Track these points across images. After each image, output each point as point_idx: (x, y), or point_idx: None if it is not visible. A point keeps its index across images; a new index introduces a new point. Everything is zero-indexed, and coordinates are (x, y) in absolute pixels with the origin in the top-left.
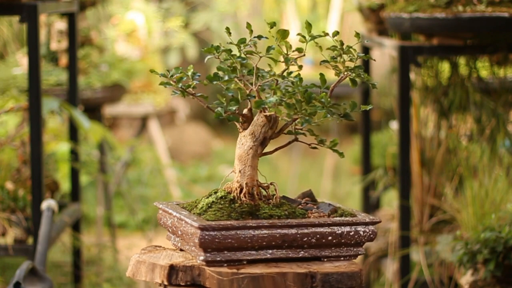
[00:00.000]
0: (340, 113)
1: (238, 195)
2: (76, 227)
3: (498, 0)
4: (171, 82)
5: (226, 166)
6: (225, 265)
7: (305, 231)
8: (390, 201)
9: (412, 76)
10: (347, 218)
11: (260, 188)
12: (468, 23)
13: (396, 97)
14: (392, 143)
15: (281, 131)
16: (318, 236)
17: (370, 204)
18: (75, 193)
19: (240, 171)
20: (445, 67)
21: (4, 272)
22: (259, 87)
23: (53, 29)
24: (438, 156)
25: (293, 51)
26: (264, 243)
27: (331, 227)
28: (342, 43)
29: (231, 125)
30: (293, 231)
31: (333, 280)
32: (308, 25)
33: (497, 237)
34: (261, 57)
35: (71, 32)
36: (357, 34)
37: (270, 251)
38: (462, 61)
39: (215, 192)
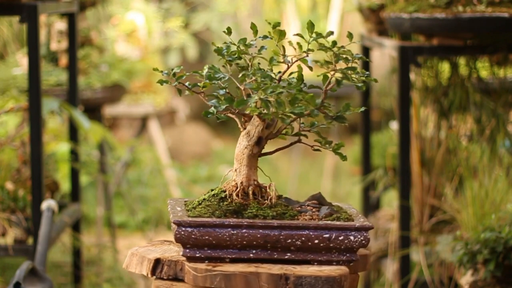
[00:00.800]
0: (333, 115)
1: (231, 193)
2: (76, 227)
3: (498, 0)
4: (171, 81)
5: (226, 166)
6: (206, 261)
7: (289, 233)
8: (390, 201)
9: (412, 76)
10: (335, 222)
11: (259, 188)
12: (468, 23)
13: (396, 97)
14: (392, 143)
15: (278, 131)
16: (303, 238)
17: (370, 204)
18: (75, 193)
19: (236, 170)
20: (445, 67)
21: (4, 272)
22: (245, 86)
23: (53, 29)
24: (438, 156)
25: (303, 51)
26: (245, 242)
27: (318, 231)
28: (334, 44)
29: (231, 125)
30: (276, 232)
31: (306, 283)
32: (311, 26)
33: (497, 237)
34: (253, 56)
35: (71, 32)
36: (350, 35)
37: (254, 251)
38: (462, 61)
39: (212, 190)
